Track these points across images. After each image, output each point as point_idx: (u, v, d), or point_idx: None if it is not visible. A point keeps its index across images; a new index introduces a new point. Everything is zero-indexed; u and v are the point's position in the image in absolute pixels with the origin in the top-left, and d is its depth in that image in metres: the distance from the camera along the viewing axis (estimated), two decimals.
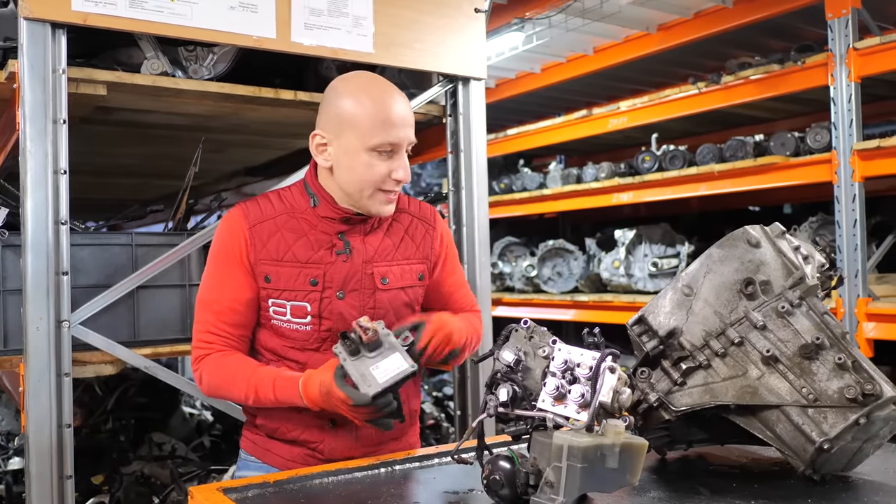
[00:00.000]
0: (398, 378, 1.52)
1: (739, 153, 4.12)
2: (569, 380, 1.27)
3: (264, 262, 1.73)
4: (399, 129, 1.70)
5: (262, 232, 1.74)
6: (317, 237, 1.76)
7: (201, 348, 1.75)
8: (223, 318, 1.74)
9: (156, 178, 4.36)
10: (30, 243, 2.03)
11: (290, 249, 1.74)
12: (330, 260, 1.74)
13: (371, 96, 1.70)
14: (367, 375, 1.51)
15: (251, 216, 1.76)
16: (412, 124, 1.75)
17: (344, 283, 1.75)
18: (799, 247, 1.50)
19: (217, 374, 1.73)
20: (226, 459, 3.64)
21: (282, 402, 1.67)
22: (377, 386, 1.50)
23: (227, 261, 1.75)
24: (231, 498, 1.39)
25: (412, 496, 1.45)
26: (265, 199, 1.80)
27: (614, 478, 1.18)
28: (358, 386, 1.51)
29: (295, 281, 1.73)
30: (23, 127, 2.02)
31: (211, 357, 1.74)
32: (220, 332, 1.74)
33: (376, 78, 1.80)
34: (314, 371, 1.63)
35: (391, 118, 1.69)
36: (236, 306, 1.74)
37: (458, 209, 2.79)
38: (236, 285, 1.74)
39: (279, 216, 1.76)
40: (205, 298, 1.77)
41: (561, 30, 4.21)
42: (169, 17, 2.15)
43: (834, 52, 3.51)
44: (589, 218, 6.07)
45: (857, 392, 1.29)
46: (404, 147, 1.73)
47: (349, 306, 1.75)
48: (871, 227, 3.93)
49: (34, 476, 2.05)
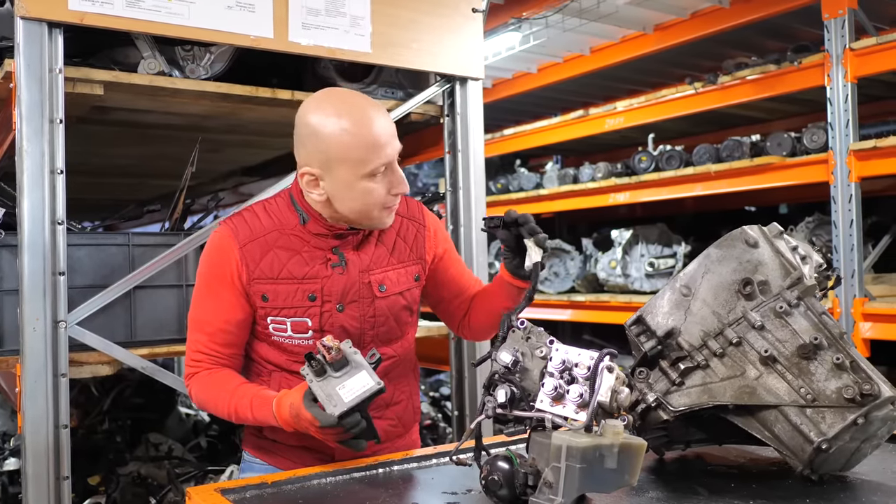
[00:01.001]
0: (364, 396, 1.50)
1: (736, 153, 4.12)
2: (567, 380, 1.27)
3: (259, 281, 1.70)
4: (388, 147, 1.65)
5: (254, 251, 1.71)
6: (310, 253, 1.73)
7: (191, 366, 1.75)
8: (214, 339, 1.73)
9: (153, 177, 4.35)
10: (26, 243, 2.03)
11: (285, 267, 1.71)
12: (326, 274, 1.72)
13: (352, 122, 1.62)
14: (333, 395, 1.49)
15: (241, 235, 1.71)
16: (395, 132, 1.70)
17: (342, 296, 1.73)
18: (797, 247, 1.50)
19: (203, 392, 1.73)
20: (223, 460, 3.64)
21: (259, 422, 1.66)
22: (343, 405, 1.48)
23: (217, 282, 1.72)
24: (229, 499, 1.39)
25: (410, 497, 1.45)
26: (252, 215, 1.75)
27: (613, 478, 1.18)
28: (324, 406, 1.49)
29: (293, 298, 1.71)
30: (19, 126, 2.02)
31: (199, 375, 1.74)
32: (210, 351, 1.74)
33: (346, 98, 1.69)
34: (287, 392, 1.62)
35: (378, 140, 1.63)
36: (228, 327, 1.73)
37: (455, 209, 2.79)
38: (227, 307, 1.72)
39: (269, 233, 1.72)
40: (196, 318, 1.75)
41: (558, 30, 4.22)
42: (166, 16, 2.15)
43: (830, 52, 3.51)
44: (585, 218, 6.07)
45: (856, 392, 1.29)
46: (395, 159, 1.70)
47: (349, 318, 1.74)
48: (868, 228, 3.93)
49: (30, 477, 2.04)
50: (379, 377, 1.52)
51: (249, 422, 1.68)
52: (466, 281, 1.95)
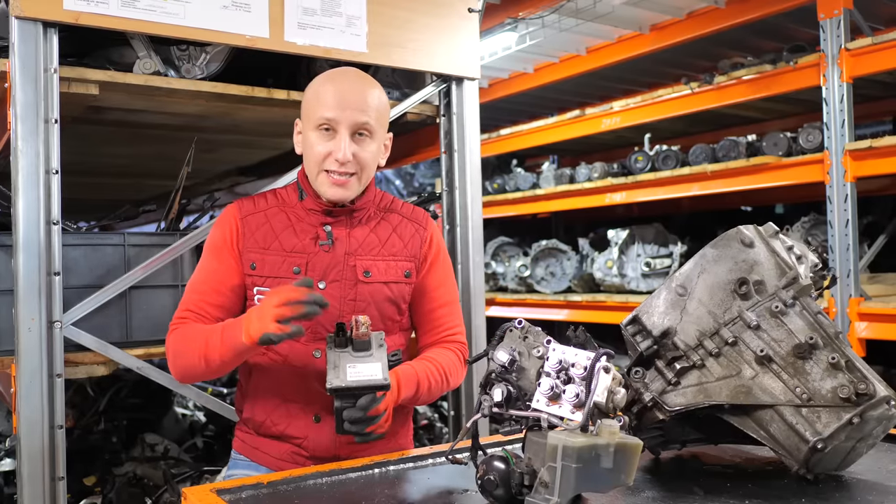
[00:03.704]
0: (366, 384, 1.53)
1: (732, 153, 4.13)
2: (563, 380, 1.26)
3: (251, 249, 1.79)
4: (337, 107, 1.72)
5: (252, 222, 1.81)
6: (303, 228, 1.81)
7: (175, 322, 1.78)
8: (205, 298, 1.78)
9: (148, 177, 4.34)
10: (21, 243, 2.02)
11: (277, 239, 1.79)
12: (313, 250, 1.79)
13: (326, 79, 1.79)
14: (339, 368, 1.54)
15: (244, 209, 1.84)
16: (365, 109, 1.74)
17: (325, 273, 1.78)
18: (792, 247, 1.50)
19: (177, 342, 1.73)
20: (219, 460, 3.63)
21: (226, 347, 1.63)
22: (341, 381, 1.52)
23: (218, 247, 1.81)
24: (224, 499, 1.38)
25: (406, 496, 1.44)
26: (261, 196, 1.89)
27: (609, 478, 1.18)
28: (327, 373, 1.55)
29: (279, 268, 1.77)
30: (14, 126, 2.01)
31: (180, 328, 1.75)
32: (198, 309, 1.77)
33: (347, 69, 1.85)
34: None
35: (331, 97, 1.73)
36: (221, 288, 1.79)
37: (451, 209, 2.78)
38: (224, 269, 1.79)
39: (270, 209, 1.84)
40: (192, 281, 1.83)
41: (554, 30, 4.22)
42: (161, 16, 2.14)
43: (826, 52, 3.52)
44: (582, 218, 6.08)
45: (851, 391, 1.30)
46: (348, 128, 1.73)
47: (329, 296, 1.74)
48: (863, 227, 3.95)
49: (26, 477, 2.03)
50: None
51: (217, 356, 1.65)
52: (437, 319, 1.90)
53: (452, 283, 1.96)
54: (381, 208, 1.90)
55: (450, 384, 1.86)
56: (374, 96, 1.78)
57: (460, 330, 1.94)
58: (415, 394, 1.74)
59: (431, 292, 1.89)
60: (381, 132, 1.82)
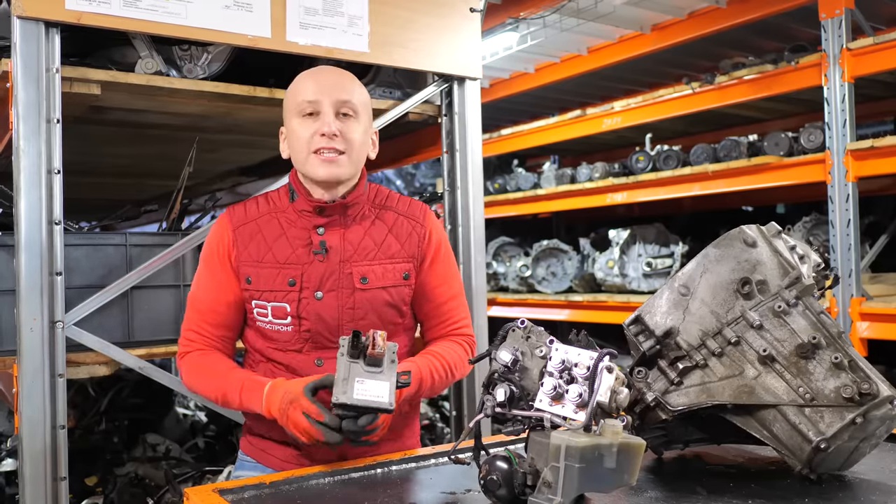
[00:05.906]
0: (370, 405, 1.52)
1: (733, 153, 4.13)
2: (566, 380, 1.26)
3: (246, 263, 1.76)
4: (318, 91, 1.74)
5: (245, 234, 1.78)
6: (295, 234, 1.77)
7: (184, 346, 1.81)
8: (206, 319, 1.79)
9: (150, 177, 4.34)
10: (23, 243, 2.02)
11: (270, 250, 1.76)
12: (307, 260, 1.75)
13: (304, 74, 1.81)
14: (348, 382, 1.52)
15: (235, 218, 1.81)
16: (346, 89, 1.76)
17: (321, 284, 1.74)
18: (795, 246, 1.50)
19: (193, 373, 1.78)
20: (220, 460, 3.63)
21: (244, 406, 1.70)
22: (347, 398, 1.51)
23: (212, 262, 1.80)
24: (227, 499, 1.38)
25: (409, 497, 1.44)
26: (252, 202, 1.85)
27: (612, 478, 1.17)
28: (335, 385, 1.53)
29: (274, 282, 1.74)
30: (16, 126, 2.01)
31: (191, 355, 1.79)
32: (202, 331, 1.79)
33: (324, 66, 1.89)
34: (285, 380, 1.66)
35: (311, 83, 1.76)
36: (218, 307, 1.78)
37: (453, 209, 2.78)
38: (219, 286, 1.78)
39: (262, 217, 1.81)
40: (192, 296, 1.83)
41: (555, 30, 4.22)
42: (163, 16, 2.15)
43: (827, 52, 3.52)
44: (583, 218, 6.07)
45: (854, 391, 1.29)
46: (331, 107, 1.73)
47: (327, 306, 1.73)
48: (865, 227, 3.94)
49: (27, 478, 2.03)
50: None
51: (235, 406, 1.73)
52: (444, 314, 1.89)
53: (456, 277, 1.93)
54: (376, 205, 1.84)
55: (455, 377, 1.85)
56: (353, 82, 1.80)
57: (467, 322, 1.93)
58: (417, 391, 1.74)
59: (435, 289, 1.86)
60: (366, 118, 1.79)
